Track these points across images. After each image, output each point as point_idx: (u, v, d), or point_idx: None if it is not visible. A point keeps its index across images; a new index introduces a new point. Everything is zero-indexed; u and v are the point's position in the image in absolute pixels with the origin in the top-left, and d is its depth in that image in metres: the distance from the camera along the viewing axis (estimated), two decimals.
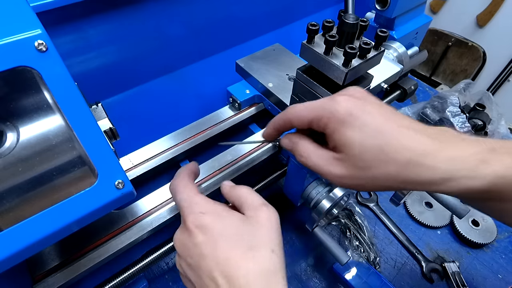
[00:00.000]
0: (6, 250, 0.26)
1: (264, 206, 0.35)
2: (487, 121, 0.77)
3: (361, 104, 0.31)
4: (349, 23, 0.39)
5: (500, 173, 0.28)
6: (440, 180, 0.29)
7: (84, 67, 0.55)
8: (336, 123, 0.31)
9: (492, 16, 1.87)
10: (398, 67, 0.59)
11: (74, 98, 0.28)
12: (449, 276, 0.57)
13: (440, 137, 0.30)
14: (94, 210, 0.29)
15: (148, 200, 0.47)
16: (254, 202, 0.35)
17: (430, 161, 0.29)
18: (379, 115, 0.31)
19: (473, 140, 0.30)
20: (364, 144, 0.30)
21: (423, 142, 0.29)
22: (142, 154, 0.52)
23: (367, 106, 0.31)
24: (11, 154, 0.28)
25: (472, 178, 0.28)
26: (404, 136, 0.30)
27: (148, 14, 0.57)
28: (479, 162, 0.28)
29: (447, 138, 0.30)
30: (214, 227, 0.33)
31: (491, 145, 0.29)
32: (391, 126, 0.30)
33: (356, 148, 0.30)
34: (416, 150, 0.29)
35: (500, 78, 1.97)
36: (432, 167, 0.28)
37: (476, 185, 0.28)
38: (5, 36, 0.25)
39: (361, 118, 0.30)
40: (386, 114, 0.31)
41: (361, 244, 0.60)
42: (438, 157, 0.29)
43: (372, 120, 0.30)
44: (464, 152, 0.29)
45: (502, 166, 0.28)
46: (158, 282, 0.54)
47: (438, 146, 0.29)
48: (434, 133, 0.30)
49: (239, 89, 0.60)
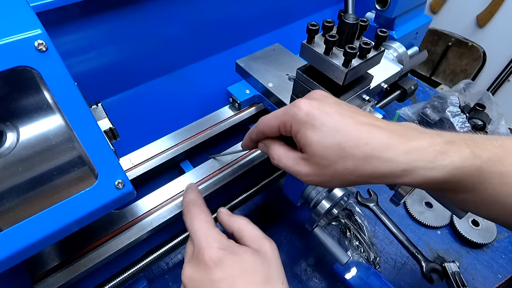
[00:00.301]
0: (6, 250, 0.26)
1: (265, 239, 0.37)
2: (487, 121, 0.78)
3: (319, 105, 0.33)
4: (349, 23, 0.39)
5: (458, 164, 0.29)
6: (400, 172, 0.30)
7: (84, 67, 0.55)
8: (298, 125, 0.33)
9: (492, 16, 1.87)
10: (398, 67, 0.59)
11: (74, 98, 0.28)
12: (449, 276, 0.57)
13: (401, 132, 0.31)
14: (94, 210, 0.29)
15: (148, 200, 0.47)
16: (255, 235, 0.37)
17: (389, 155, 0.30)
18: (337, 114, 0.32)
19: (434, 133, 0.31)
20: (323, 142, 0.31)
21: (382, 137, 0.30)
22: (142, 154, 0.52)
23: (325, 107, 0.33)
24: (11, 154, 0.28)
25: (430, 169, 0.29)
26: (362, 132, 0.31)
27: (148, 14, 0.57)
28: (437, 153, 0.29)
29: (408, 132, 0.31)
30: (232, 263, 0.33)
31: (451, 137, 0.30)
32: (349, 124, 0.31)
33: (316, 147, 0.32)
34: (374, 145, 0.30)
35: (500, 78, 1.97)
36: (391, 160, 0.30)
37: (435, 176, 0.29)
38: (5, 36, 0.25)
39: (319, 118, 0.32)
40: (344, 112, 0.33)
41: (361, 244, 0.60)
42: (397, 150, 0.30)
43: (330, 120, 0.32)
44: (423, 144, 0.30)
45: (460, 157, 0.29)
46: (158, 282, 0.54)
47: (398, 139, 0.30)
48: (395, 128, 0.32)
49: (239, 89, 0.60)
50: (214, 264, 0.33)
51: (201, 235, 0.36)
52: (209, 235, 0.35)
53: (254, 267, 0.34)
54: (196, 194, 0.42)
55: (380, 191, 0.69)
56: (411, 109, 0.85)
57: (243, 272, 0.33)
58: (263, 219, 0.63)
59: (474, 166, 0.29)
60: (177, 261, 0.57)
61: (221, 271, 0.32)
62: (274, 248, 0.37)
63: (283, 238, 0.61)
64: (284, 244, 0.60)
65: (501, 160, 0.29)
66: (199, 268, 0.33)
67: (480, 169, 0.29)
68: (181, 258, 0.57)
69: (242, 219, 0.39)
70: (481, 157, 0.29)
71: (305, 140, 0.33)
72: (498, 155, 0.29)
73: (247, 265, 0.34)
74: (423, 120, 0.82)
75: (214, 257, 0.33)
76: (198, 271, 0.33)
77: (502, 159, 0.29)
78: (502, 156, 0.30)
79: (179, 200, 0.47)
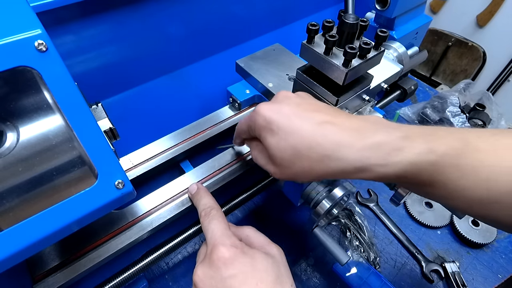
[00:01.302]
0: (6, 250, 0.26)
1: (273, 244, 0.39)
2: (487, 121, 0.78)
3: (278, 108, 0.34)
4: (349, 23, 0.39)
5: (411, 159, 0.29)
6: (353, 169, 0.31)
7: (84, 67, 0.55)
8: (259, 130, 0.35)
9: (492, 16, 1.87)
10: (398, 67, 0.59)
11: (74, 98, 0.28)
12: (449, 276, 0.57)
13: (358, 128, 0.32)
14: (94, 210, 0.29)
15: (148, 200, 0.47)
16: (263, 241, 0.39)
17: (341, 154, 0.30)
18: (294, 116, 0.33)
19: (393, 127, 0.32)
20: (280, 146, 0.33)
21: (336, 136, 0.31)
22: (142, 154, 0.52)
23: (284, 109, 0.34)
24: (11, 154, 0.28)
25: (384, 166, 0.30)
26: (317, 133, 0.32)
27: (148, 14, 0.57)
28: (391, 150, 0.30)
29: (366, 128, 0.32)
30: (243, 261, 0.34)
31: (409, 131, 0.31)
32: (306, 125, 0.32)
33: (274, 150, 0.34)
34: (326, 145, 0.31)
35: (500, 78, 1.97)
36: (342, 159, 0.30)
37: (389, 172, 0.30)
38: (5, 36, 0.25)
39: (276, 122, 0.33)
40: (303, 113, 0.33)
41: (361, 244, 0.60)
42: (352, 148, 0.30)
43: (287, 123, 0.33)
44: (378, 140, 0.30)
45: (414, 153, 0.29)
46: (158, 282, 0.54)
47: (355, 137, 0.31)
48: (354, 124, 0.32)
49: (239, 89, 0.60)
50: (227, 261, 0.34)
51: (217, 233, 0.37)
52: (224, 234, 0.37)
53: (265, 267, 0.34)
54: (211, 198, 0.44)
55: (380, 191, 0.69)
56: (411, 109, 0.85)
57: (254, 270, 0.34)
58: (263, 219, 0.63)
59: (429, 161, 0.29)
60: (177, 261, 0.57)
61: (232, 268, 0.33)
62: (282, 253, 0.38)
63: (283, 238, 0.61)
64: (284, 244, 0.60)
65: (459, 154, 0.29)
66: (211, 266, 0.34)
67: (435, 164, 0.29)
68: (181, 258, 0.57)
69: (249, 228, 0.41)
70: (436, 152, 0.29)
71: (265, 143, 0.35)
72: (456, 149, 0.29)
73: (258, 264, 0.34)
74: (423, 120, 0.82)
75: (227, 254, 0.34)
76: (210, 269, 0.34)
77: (460, 153, 0.29)
78: (460, 150, 0.29)
79: (179, 200, 0.47)
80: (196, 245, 0.58)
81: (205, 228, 0.39)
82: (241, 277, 0.33)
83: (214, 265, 0.34)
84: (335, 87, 0.44)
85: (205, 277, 0.34)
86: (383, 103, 0.70)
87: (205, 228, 0.39)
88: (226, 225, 0.39)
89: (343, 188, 0.50)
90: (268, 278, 0.34)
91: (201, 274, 0.35)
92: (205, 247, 0.39)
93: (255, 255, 0.35)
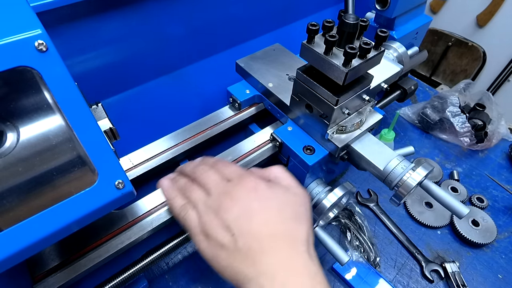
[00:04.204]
0: (6, 250, 0.26)
1: (300, 187, 0.40)
2: (487, 121, 0.78)
3: None
4: (349, 23, 0.39)
5: None
6: None
7: (84, 67, 0.55)
8: None
9: (492, 16, 1.87)
10: (398, 67, 0.59)
11: (74, 98, 0.28)
12: (449, 276, 0.57)
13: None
14: (94, 210, 0.29)
15: (148, 200, 0.47)
16: (291, 182, 0.40)
17: None
18: None
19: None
20: None
21: None
22: (142, 154, 0.52)
23: None
24: (11, 154, 0.28)
25: None
26: None
27: (148, 14, 0.57)
28: None
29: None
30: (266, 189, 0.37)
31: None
32: None
33: None
34: None
35: (500, 78, 1.97)
36: None
37: None
38: (5, 36, 0.25)
39: None
40: None
41: (361, 244, 0.60)
42: None
43: None
44: None
45: None
46: (158, 282, 0.54)
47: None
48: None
49: (239, 89, 0.60)
50: (253, 189, 0.37)
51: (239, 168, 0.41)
52: (251, 172, 0.41)
53: (286, 202, 0.37)
54: None
55: (380, 191, 0.69)
56: (411, 109, 0.85)
57: (276, 198, 0.37)
58: None
59: None
60: (177, 261, 0.57)
61: (256, 196, 0.37)
62: (307, 197, 0.40)
63: None
64: None
65: None
66: (238, 190, 0.37)
67: None
68: (181, 258, 0.57)
69: (277, 167, 0.42)
70: None
71: None
72: None
73: (280, 198, 0.37)
74: (423, 120, 0.82)
75: (253, 183, 0.37)
76: (236, 191, 0.37)
77: None
78: None
79: None
80: None
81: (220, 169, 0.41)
82: (264, 202, 0.36)
83: (244, 187, 0.37)
84: (335, 87, 0.44)
85: (234, 196, 0.37)
86: (383, 103, 0.70)
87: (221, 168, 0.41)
88: None
89: (343, 188, 0.50)
90: (287, 211, 0.36)
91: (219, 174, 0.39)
92: None
93: (280, 189, 0.38)
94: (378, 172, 0.48)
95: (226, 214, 0.35)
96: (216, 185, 0.38)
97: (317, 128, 0.50)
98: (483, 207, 0.68)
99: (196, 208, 0.37)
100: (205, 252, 0.35)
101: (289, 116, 0.55)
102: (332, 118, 0.46)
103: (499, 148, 0.80)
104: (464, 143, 0.78)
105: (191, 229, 0.37)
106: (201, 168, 0.41)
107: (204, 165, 0.42)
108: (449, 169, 0.75)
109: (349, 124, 0.49)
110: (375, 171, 0.48)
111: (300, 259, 0.34)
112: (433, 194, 0.46)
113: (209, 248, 0.35)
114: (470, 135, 0.77)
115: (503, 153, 0.80)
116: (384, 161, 0.47)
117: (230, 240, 0.34)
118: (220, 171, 0.40)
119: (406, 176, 0.45)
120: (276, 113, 0.58)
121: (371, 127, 0.52)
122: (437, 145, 0.80)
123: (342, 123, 0.49)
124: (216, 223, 0.35)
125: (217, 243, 0.34)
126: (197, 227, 0.36)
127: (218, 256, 0.34)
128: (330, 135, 0.48)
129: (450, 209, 0.45)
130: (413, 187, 0.44)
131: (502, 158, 0.78)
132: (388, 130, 0.65)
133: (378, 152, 0.49)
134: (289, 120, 0.55)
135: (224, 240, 0.34)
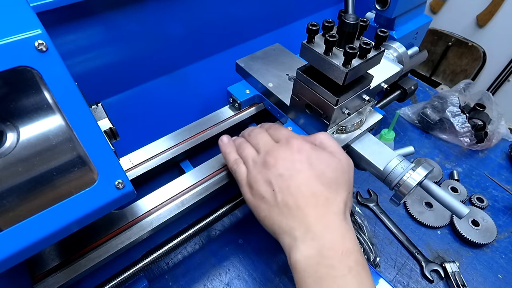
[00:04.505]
0: (6, 250, 0.26)
1: (345, 154, 0.42)
2: (487, 121, 0.78)
3: None
4: (349, 23, 0.39)
5: None
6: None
7: (84, 67, 0.55)
8: None
9: (492, 16, 1.87)
10: (398, 67, 0.59)
11: (74, 98, 0.28)
12: (449, 276, 0.57)
13: None
14: (94, 210, 0.29)
15: (148, 200, 0.47)
16: (336, 148, 0.42)
17: None
18: None
19: None
20: None
21: None
22: (142, 154, 0.52)
23: None
24: (11, 154, 0.28)
25: None
26: None
27: (148, 14, 0.57)
28: None
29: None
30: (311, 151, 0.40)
31: None
32: None
33: None
34: None
35: (500, 78, 1.97)
36: None
37: None
38: (5, 36, 0.25)
39: None
40: None
41: (361, 244, 0.60)
42: None
43: None
44: None
45: None
46: (158, 282, 0.54)
47: None
48: None
49: (239, 89, 0.60)
50: (299, 149, 0.40)
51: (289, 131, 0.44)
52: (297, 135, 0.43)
53: (328, 166, 0.39)
54: None
55: (380, 191, 0.69)
56: (411, 109, 0.85)
57: (319, 161, 0.39)
58: None
59: None
60: (177, 261, 0.57)
61: (299, 156, 0.39)
62: (351, 164, 0.42)
63: None
64: None
65: None
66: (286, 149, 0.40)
67: None
68: (181, 258, 0.57)
69: (322, 134, 0.44)
70: None
71: None
72: None
73: (324, 159, 0.40)
74: (423, 120, 0.82)
75: (299, 145, 0.40)
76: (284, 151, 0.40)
77: None
78: None
79: (179, 200, 0.47)
80: (196, 245, 0.58)
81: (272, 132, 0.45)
82: (305, 166, 0.38)
83: (289, 148, 0.40)
84: (335, 87, 0.44)
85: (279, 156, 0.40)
86: (383, 103, 0.70)
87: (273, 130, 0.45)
88: None
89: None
90: (328, 175, 0.38)
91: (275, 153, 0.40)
92: None
93: (323, 153, 0.40)
94: (378, 172, 0.48)
95: (269, 171, 0.39)
96: (265, 145, 0.42)
97: (317, 128, 0.50)
98: (483, 207, 0.68)
99: (246, 163, 0.42)
100: (249, 201, 0.41)
101: (289, 116, 0.55)
102: (332, 118, 0.46)
103: (499, 148, 0.80)
104: (464, 143, 0.78)
105: (240, 181, 0.42)
106: (256, 131, 0.46)
107: (259, 128, 0.47)
108: (449, 169, 0.75)
109: (349, 124, 0.49)
110: (375, 171, 0.48)
111: (335, 219, 0.37)
112: (433, 194, 0.46)
113: (252, 199, 0.40)
114: (470, 135, 0.77)
115: (503, 153, 0.80)
116: (384, 161, 0.47)
117: (270, 194, 0.38)
118: (271, 134, 0.44)
119: (406, 176, 0.45)
120: (276, 113, 0.58)
121: (371, 127, 0.52)
122: (437, 145, 0.80)
123: (342, 123, 0.49)
124: (259, 178, 0.39)
125: (259, 195, 0.39)
126: (244, 180, 0.42)
127: (258, 207, 0.39)
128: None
129: (450, 209, 0.45)
130: (413, 187, 0.44)
131: (502, 158, 0.79)
132: (388, 130, 0.65)
133: (378, 152, 0.49)
134: (289, 120, 0.55)
135: (265, 194, 0.38)
